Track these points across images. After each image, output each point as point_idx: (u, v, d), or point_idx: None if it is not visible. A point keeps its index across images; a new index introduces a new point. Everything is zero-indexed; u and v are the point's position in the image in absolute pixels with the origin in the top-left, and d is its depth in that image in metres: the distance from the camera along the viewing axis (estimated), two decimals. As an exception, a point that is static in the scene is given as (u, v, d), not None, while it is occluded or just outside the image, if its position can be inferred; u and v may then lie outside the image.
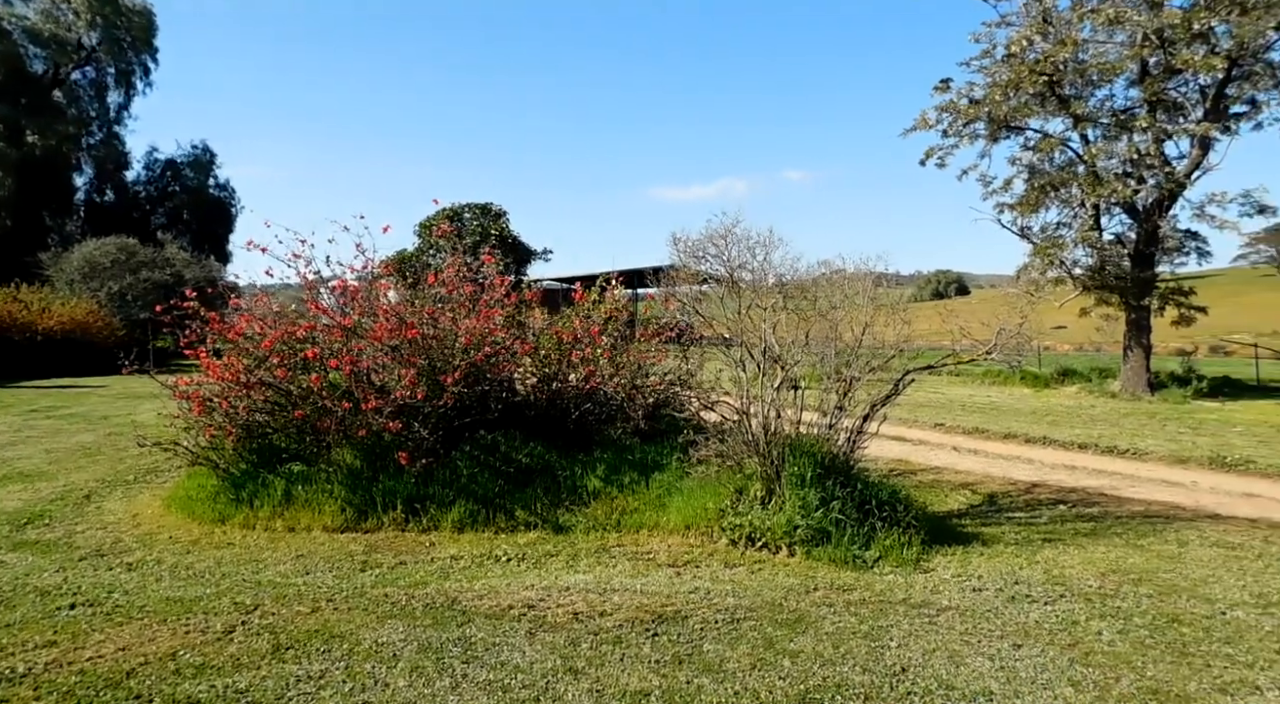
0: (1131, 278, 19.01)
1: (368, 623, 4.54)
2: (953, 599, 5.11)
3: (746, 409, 6.73)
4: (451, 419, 7.89)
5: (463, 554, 6.15)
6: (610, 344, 9.01)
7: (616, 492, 7.51)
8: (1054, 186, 19.10)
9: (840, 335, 6.94)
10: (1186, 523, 7.37)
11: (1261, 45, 16.48)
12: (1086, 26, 18.17)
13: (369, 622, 4.56)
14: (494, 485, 7.42)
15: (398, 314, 7.93)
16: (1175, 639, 4.49)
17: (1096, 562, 6.01)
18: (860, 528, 6.11)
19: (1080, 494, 8.70)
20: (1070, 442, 12.14)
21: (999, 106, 18.44)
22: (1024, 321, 6.98)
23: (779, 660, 4.11)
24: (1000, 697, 3.75)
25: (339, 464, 7.45)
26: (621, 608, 4.86)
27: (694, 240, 7.28)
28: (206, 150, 47.67)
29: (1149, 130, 17.71)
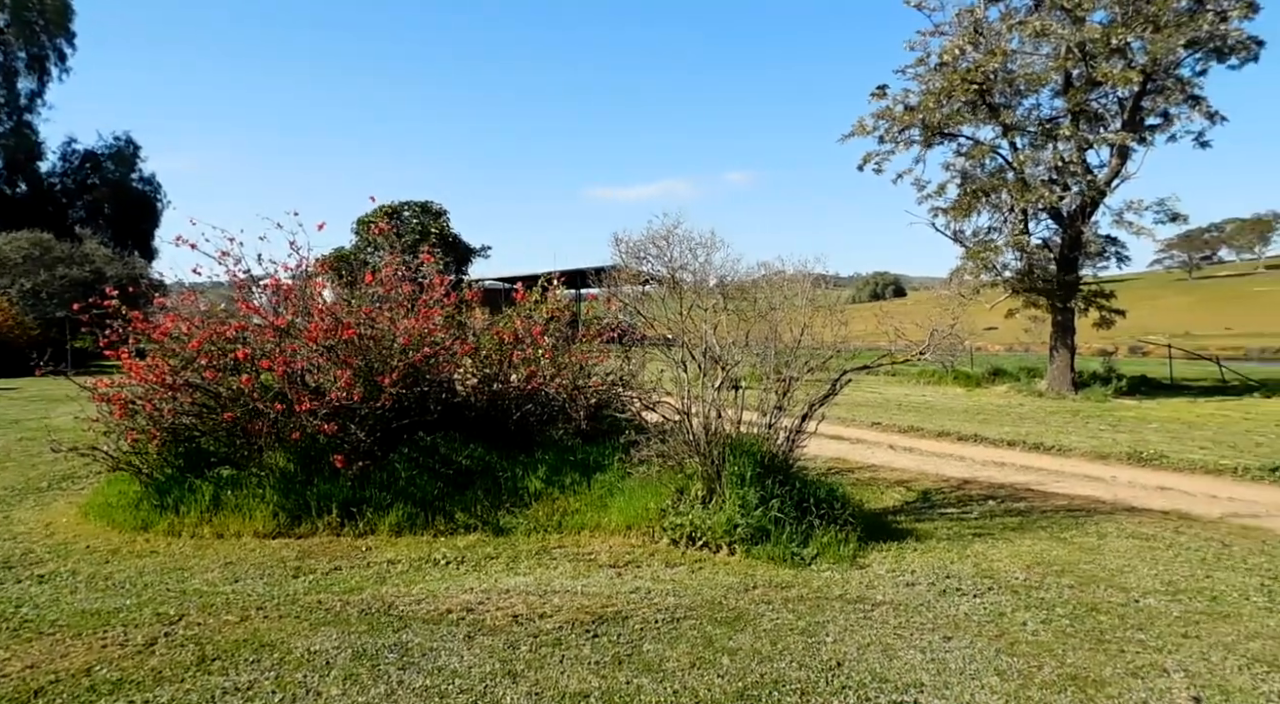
0: (1057, 281, 19.82)
1: (300, 631, 4.41)
2: (887, 594, 5.23)
3: (687, 409, 6.77)
4: (389, 421, 7.73)
5: (400, 558, 6.03)
6: (552, 344, 8.96)
7: (558, 493, 7.47)
8: (985, 192, 19.79)
9: (779, 336, 7.04)
10: (1106, 516, 7.71)
11: (1173, 62, 17.37)
12: (1015, 38, 18.87)
13: (301, 629, 4.42)
14: (433, 488, 7.29)
15: (333, 314, 7.73)
16: (1093, 627, 4.69)
17: (1023, 555, 6.23)
18: (799, 526, 6.21)
19: (1009, 490, 9.02)
20: (1000, 439, 12.57)
21: (933, 113, 19.00)
22: (955, 323, 7.19)
23: (718, 658, 4.14)
24: (931, 688, 3.86)
25: (271, 468, 7.22)
26: (562, 610, 4.83)
27: (635, 241, 7.31)
28: (130, 142, 45.71)
29: (1072, 139, 18.49)
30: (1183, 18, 16.66)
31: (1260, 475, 9.72)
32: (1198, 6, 16.82)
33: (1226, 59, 17.56)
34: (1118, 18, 17.56)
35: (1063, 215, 19.74)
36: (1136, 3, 17.12)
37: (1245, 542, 6.80)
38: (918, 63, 20.14)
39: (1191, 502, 8.52)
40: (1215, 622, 4.82)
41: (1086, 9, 17.62)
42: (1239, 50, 17.22)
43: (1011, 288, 20.43)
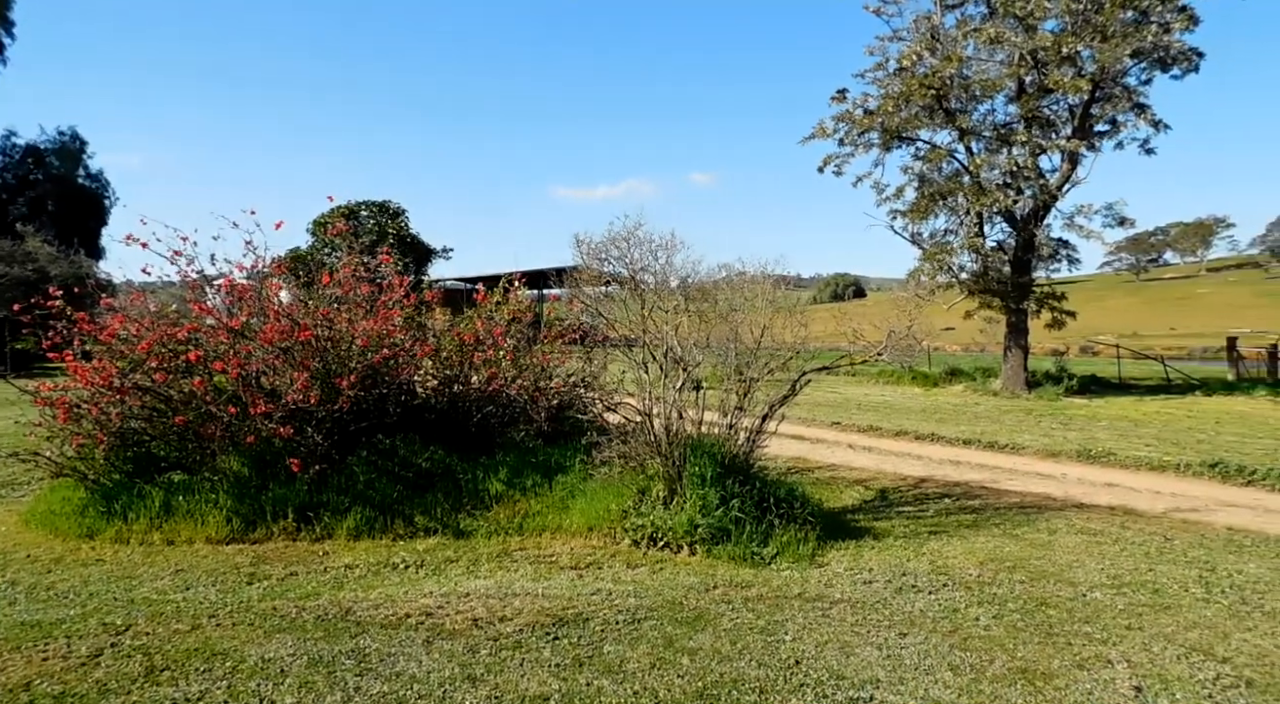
0: (1011, 283, 20.30)
1: (254, 638, 4.32)
2: (845, 592, 5.31)
3: (649, 410, 6.79)
4: (347, 423, 7.62)
5: (358, 563, 5.94)
6: (513, 346, 8.91)
7: (519, 495, 7.43)
8: (942, 195, 20.19)
9: (740, 337, 7.10)
10: (1056, 512, 7.92)
11: (1120, 71, 17.93)
12: (970, 45, 19.30)
13: (255, 637, 4.34)
14: (392, 491, 7.21)
15: (289, 315, 7.59)
16: (1043, 621, 4.82)
17: (977, 551, 6.37)
18: (759, 526, 6.27)
19: (964, 488, 9.21)
20: (956, 438, 12.84)
21: (891, 117, 19.32)
22: (912, 324, 7.33)
23: (678, 659, 4.16)
24: (886, 684, 3.93)
25: (225, 472, 7.06)
26: (522, 612, 4.81)
27: (597, 242, 7.30)
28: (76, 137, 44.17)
29: (1026, 144, 18.97)
30: (1129, 28, 17.20)
31: (1200, 471, 10.08)
32: (1143, 18, 17.38)
33: (1170, 69, 18.17)
34: (1068, 27, 18.05)
35: (1016, 219, 20.22)
36: (1086, 13, 17.63)
37: (1186, 535, 7.04)
38: (877, 67, 20.50)
39: (1137, 497, 8.80)
40: (1157, 613, 4.98)
41: (1038, 17, 18.09)
42: (1181, 61, 17.83)
43: (967, 289, 20.86)
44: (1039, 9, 17.92)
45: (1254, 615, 4.95)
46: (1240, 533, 7.19)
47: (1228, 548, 6.63)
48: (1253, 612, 5.02)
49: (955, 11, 19.97)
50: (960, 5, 19.94)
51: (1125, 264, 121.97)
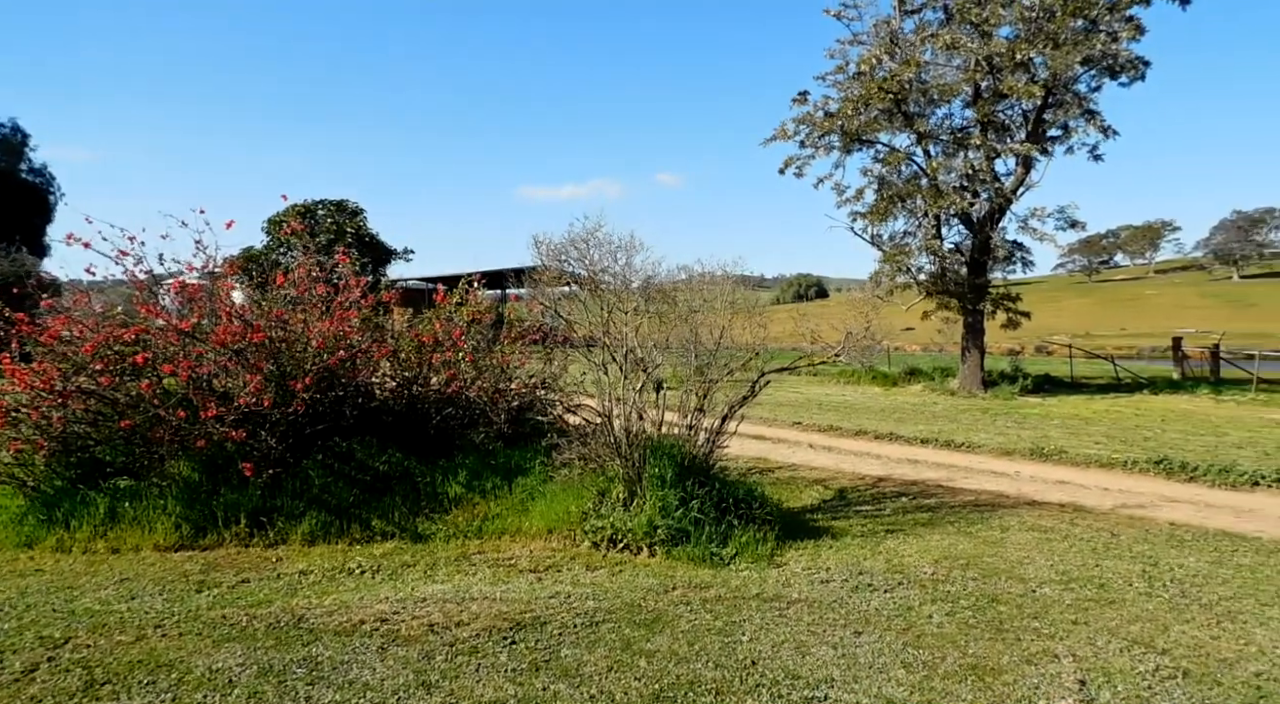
0: (968, 284, 20.69)
1: (201, 648, 4.22)
2: (802, 592, 5.36)
3: (609, 412, 6.78)
4: (302, 426, 7.48)
5: (313, 568, 5.84)
6: (473, 347, 8.83)
7: (479, 497, 7.37)
8: (901, 198, 20.49)
9: (699, 338, 7.13)
10: (1009, 510, 8.09)
11: (1071, 77, 18.39)
12: (928, 50, 19.61)
13: (203, 647, 4.24)
14: (349, 495, 7.10)
15: (242, 316, 7.43)
16: (994, 617, 4.92)
17: (932, 549, 6.48)
18: (718, 526, 6.30)
19: (921, 486, 9.36)
20: (914, 437, 13.04)
21: (851, 120, 19.55)
22: (869, 326, 7.42)
23: (635, 661, 4.16)
24: (841, 682, 3.97)
25: (174, 477, 6.89)
26: (479, 617, 4.77)
27: (556, 244, 7.27)
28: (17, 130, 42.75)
29: (981, 148, 19.34)
30: (1079, 36, 17.64)
31: (1146, 468, 10.38)
32: (1092, 27, 17.83)
33: (1118, 77, 18.67)
34: (1022, 34, 18.46)
35: (973, 221, 20.62)
36: (1039, 20, 18.04)
37: (1131, 531, 7.25)
38: (837, 70, 20.70)
39: (1086, 494, 9.03)
40: (1102, 608, 5.12)
41: (993, 24, 18.46)
42: (1128, 69, 18.34)
43: (926, 290, 21.21)
44: (994, 16, 18.29)
45: (1192, 608, 5.12)
46: (1182, 528, 7.42)
47: (1170, 543, 6.84)
48: (1191, 605, 5.19)
49: (914, 17, 20.28)
50: (918, 11, 20.25)
51: (1078, 266, 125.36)
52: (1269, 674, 4.11)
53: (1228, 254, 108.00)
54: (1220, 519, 7.85)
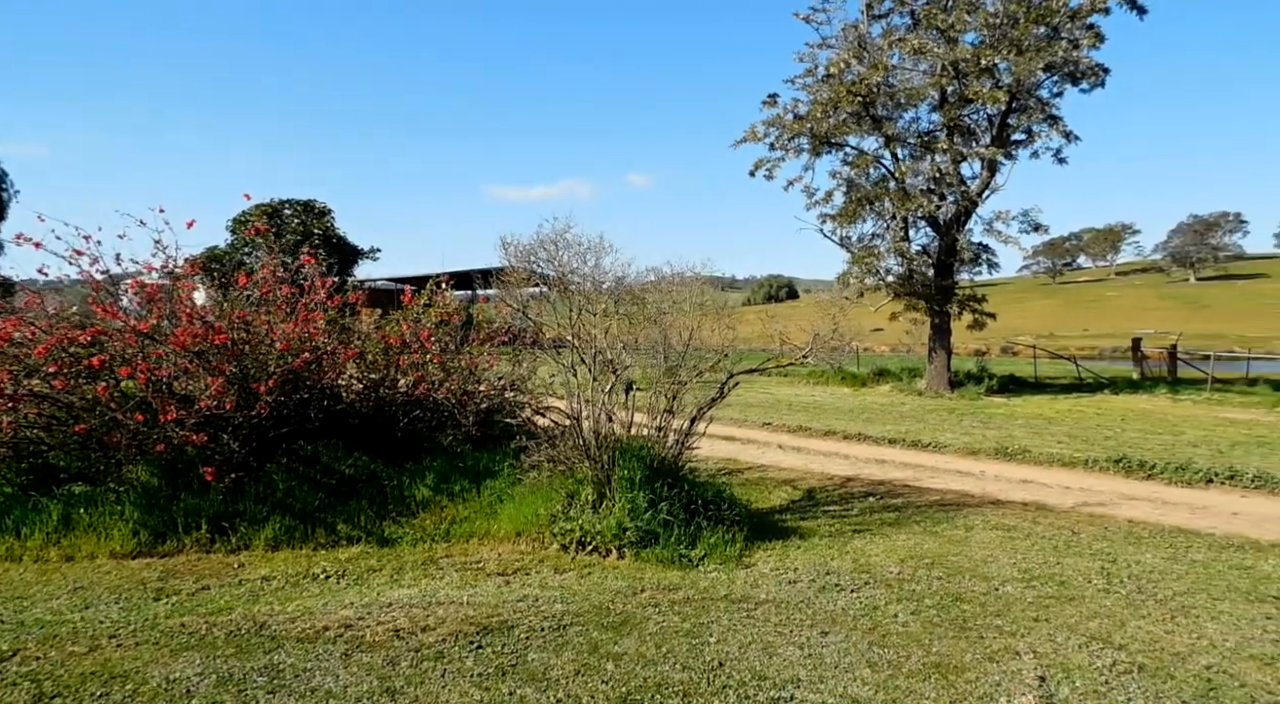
0: (935, 285, 20.99)
1: (158, 658, 4.12)
2: (770, 592, 5.39)
3: (578, 414, 6.76)
4: (266, 429, 7.36)
5: (276, 574, 5.74)
6: (441, 349, 8.76)
7: (447, 500, 7.31)
8: (869, 200, 20.72)
9: (668, 340, 7.14)
10: (974, 509, 8.21)
11: (1034, 83, 18.74)
12: (896, 54, 19.87)
13: (160, 657, 4.14)
14: (314, 499, 7.00)
15: (203, 317, 7.29)
16: (958, 616, 4.99)
17: (898, 549, 6.55)
18: (687, 528, 6.31)
19: (888, 486, 9.47)
20: (882, 437, 13.19)
21: (820, 123, 19.73)
22: (836, 328, 7.49)
23: (603, 664, 4.15)
24: (807, 683, 4.00)
25: (132, 482, 6.74)
26: (446, 621, 4.72)
27: (525, 245, 7.23)
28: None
29: (948, 152, 19.63)
30: (1042, 43, 18.00)
31: (1106, 467, 10.61)
32: (1054, 34, 18.20)
33: (1079, 83, 19.07)
34: (986, 40, 18.78)
35: (940, 223, 20.92)
36: (1003, 27, 18.36)
37: (1091, 528, 7.40)
38: (806, 73, 20.88)
39: (1049, 493, 9.20)
40: (1062, 605, 5.21)
41: (959, 30, 18.75)
42: (1089, 76, 18.74)
43: (894, 292, 21.47)
44: (959, 22, 18.58)
45: (1148, 604, 5.23)
46: (1140, 525, 7.59)
47: (1128, 540, 7.00)
48: (1147, 600, 5.30)
49: (881, 21, 20.53)
50: (886, 15, 20.51)
51: (1042, 267, 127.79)
52: (1219, 667, 4.22)
53: (1185, 257, 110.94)
54: (1176, 516, 8.05)
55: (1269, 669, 4.23)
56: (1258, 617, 5.03)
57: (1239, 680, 4.06)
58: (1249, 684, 4.02)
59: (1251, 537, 7.22)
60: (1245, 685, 4.00)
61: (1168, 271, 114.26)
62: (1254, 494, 9.24)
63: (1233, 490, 9.42)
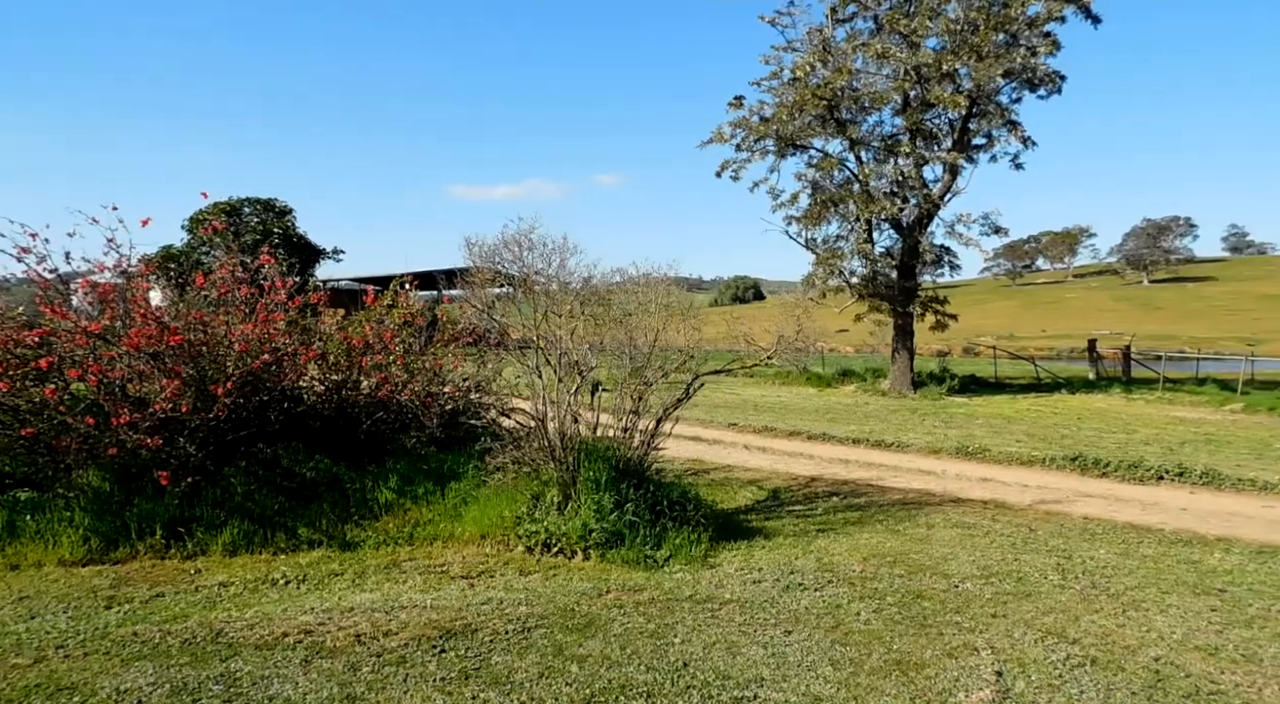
0: (898, 287, 21.31)
1: (109, 668, 4.01)
2: (735, 592, 5.42)
3: (543, 415, 6.74)
4: (224, 432, 7.21)
5: (234, 580, 5.63)
6: (405, 350, 8.66)
7: (410, 503, 7.23)
8: (834, 202, 20.97)
9: (634, 341, 7.14)
10: (935, 507, 8.35)
11: (993, 89, 19.15)
12: (860, 58, 20.15)
13: (110, 667, 4.03)
14: (274, 502, 6.87)
15: (158, 318, 7.11)
16: (918, 613, 5.07)
17: (861, 548, 6.64)
18: (652, 529, 6.32)
19: (852, 486, 9.58)
20: (846, 437, 13.34)
21: (786, 125, 19.92)
22: (800, 329, 7.56)
23: (567, 667, 4.14)
24: (770, 681, 4.03)
25: (82, 488, 6.56)
26: (409, 626, 4.67)
27: (489, 245, 7.18)
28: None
29: (910, 155, 19.95)
30: (1001, 50, 18.39)
31: (1063, 465, 10.86)
32: (1013, 41, 18.62)
33: (1037, 89, 19.54)
34: (948, 46, 19.13)
35: (903, 226, 21.25)
36: (963, 33, 18.72)
37: (1048, 525, 7.58)
38: (772, 76, 21.07)
39: (1008, 491, 9.39)
40: (1019, 601, 5.32)
41: (921, 35, 19.08)
42: (1046, 82, 19.20)
43: (858, 293, 21.76)
44: (922, 28, 18.90)
45: (1101, 599, 5.37)
46: (1094, 522, 7.79)
47: (1083, 536, 7.17)
48: (1100, 595, 5.44)
49: (846, 25, 20.82)
50: (850, 20, 20.79)
51: (1003, 269, 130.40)
52: (1166, 659, 4.34)
53: (1138, 259, 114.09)
54: (1128, 512, 8.27)
55: (1212, 659, 4.37)
56: (1203, 609, 5.19)
57: (1185, 671, 4.19)
58: (1194, 675, 4.15)
59: (1199, 531, 7.45)
60: (1190, 676, 4.13)
61: (1122, 274, 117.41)
62: (1201, 490, 9.53)
63: (1182, 487, 9.71)
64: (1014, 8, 18.17)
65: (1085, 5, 18.44)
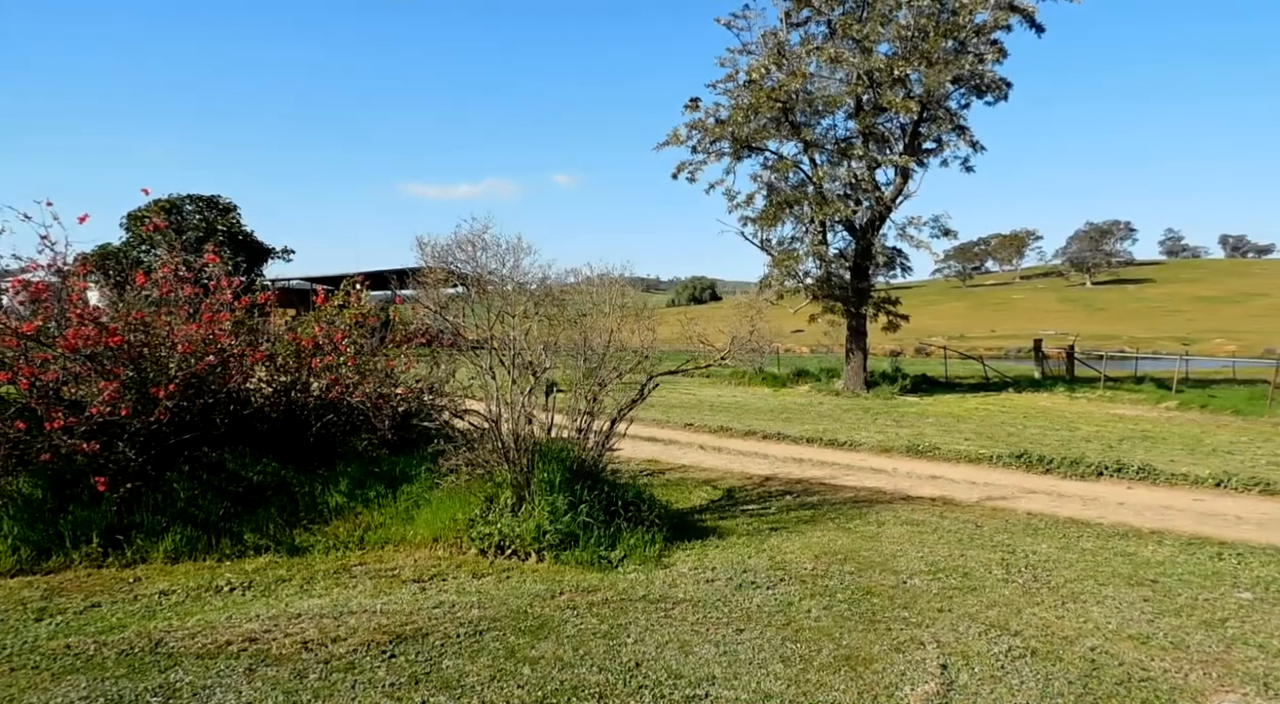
0: (852, 288, 21.66)
1: (38, 683, 3.86)
2: (688, 592, 5.45)
3: (497, 416, 6.69)
4: (166, 436, 7.00)
5: (176, 588, 5.47)
6: (356, 351, 8.51)
7: (361, 507, 7.11)
8: (789, 204, 21.23)
9: (589, 342, 7.14)
10: (885, 505, 8.50)
11: (943, 94, 19.60)
12: (813, 62, 20.42)
13: (40, 682, 3.88)
14: (218, 507, 6.70)
15: (96, 318, 6.88)
16: (868, 609, 5.16)
17: (813, 546, 6.73)
18: (607, 529, 6.32)
19: (805, 484, 9.71)
20: (800, 436, 13.51)
21: (741, 127, 20.11)
22: (754, 329, 7.63)
23: (519, 669, 4.12)
24: (722, 679, 4.06)
25: (12, 495, 6.29)
26: (358, 631, 4.60)
27: (442, 245, 7.11)
28: None
29: (863, 158, 20.32)
30: (950, 56, 18.83)
31: (1009, 462, 11.16)
32: (961, 48, 19.08)
33: (984, 96, 20.06)
34: (899, 51, 19.53)
35: (856, 228, 21.61)
36: (914, 39, 19.12)
37: (993, 521, 7.78)
38: (728, 78, 21.25)
39: (956, 488, 9.62)
40: (965, 595, 5.45)
41: (873, 41, 19.43)
42: (994, 89, 19.72)
43: (813, 294, 22.06)
44: (873, 33, 19.25)
45: (1042, 591, 5.53)
46: (1037, 517, 8.02)
47: (1026, 531, 7.38)
48: (1041, 588, 5.61)
49: (800, 29, 21.08)
50: (804, 24, 21.06)
51: (953, 271, 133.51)
52: (1101, 648, 4.50)
53: (1082, 262, 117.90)
54: (1070, 508, 8.53)
55: (1143, 647, 4.54)
56: (1136, 599, 5.38)
57: (1118, 660, 4.34)
58: (1127, 662, 4.31)
59: (1135, 525, 7.73)
60: (1123, 664, 4.28)
61: (1067, 276, 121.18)
62: (1138, 485, 9.89)
63: (1120, 482, 10.06)
64: (962, 16, 18.62)
65: (1030, 15, 18.98)
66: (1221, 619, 5.05)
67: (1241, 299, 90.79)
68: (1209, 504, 8.86)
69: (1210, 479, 9.87)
